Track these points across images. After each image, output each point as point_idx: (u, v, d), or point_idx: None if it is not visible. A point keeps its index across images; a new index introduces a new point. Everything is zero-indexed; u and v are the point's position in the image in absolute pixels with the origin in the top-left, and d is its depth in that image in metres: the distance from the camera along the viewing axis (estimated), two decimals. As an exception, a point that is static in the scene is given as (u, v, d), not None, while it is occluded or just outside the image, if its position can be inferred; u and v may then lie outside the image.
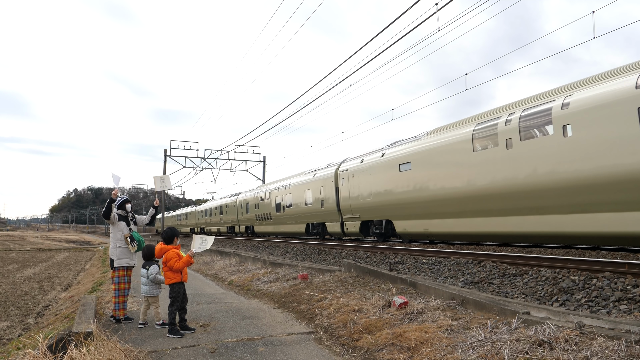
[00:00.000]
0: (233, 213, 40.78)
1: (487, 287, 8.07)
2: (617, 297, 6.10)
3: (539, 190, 11.56)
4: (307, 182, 26.37)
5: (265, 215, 33.08)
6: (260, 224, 34.69)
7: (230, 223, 42.50)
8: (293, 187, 28.18)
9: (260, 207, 33.78)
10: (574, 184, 10.66)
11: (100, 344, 4.87)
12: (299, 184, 27.46)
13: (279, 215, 30.65)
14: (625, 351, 3.74)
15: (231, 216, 41.48)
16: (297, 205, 27.45)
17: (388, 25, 12.40)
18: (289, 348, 5.48)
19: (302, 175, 28.14)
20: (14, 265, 23.60)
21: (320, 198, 24.32)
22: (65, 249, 38.43)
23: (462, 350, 4.50)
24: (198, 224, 55.80)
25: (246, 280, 11.56)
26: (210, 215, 49.94)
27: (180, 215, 66.53)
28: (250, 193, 36.40)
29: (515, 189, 12.25)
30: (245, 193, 38.00)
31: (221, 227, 45.65)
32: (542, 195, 11.53)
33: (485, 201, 13.32)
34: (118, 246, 7.20)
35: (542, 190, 11.48)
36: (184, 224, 63.06)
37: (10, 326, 10.00)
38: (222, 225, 45.33)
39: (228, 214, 42.52)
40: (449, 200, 14.69)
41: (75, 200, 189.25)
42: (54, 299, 13.29)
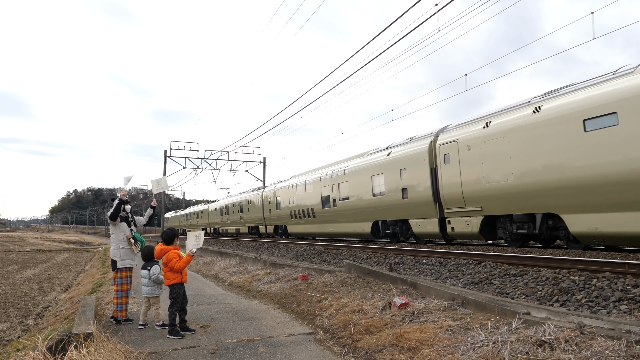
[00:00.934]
0: (257, 210, 34.50)
1: (488, 287, 8.06)
2: (617, 297, 6.10)
3: None
4: (375, 164, 19.62)
5: (304, 211, 26.63)
6: (298, 223, 28.00)
7: (253, 222, 35.99)
8: (351, 172, 21.47)
9: (296, 202, 27.61)
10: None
11: (101, 345, 4.87)
12: (362, 167, 20.67)
13: (326, 212, 24.06)
14: (625, 351, 3.73)
15: (255, 214, 35.29)
16: (359, 197, 20.75)
17: (388, 25, 12.41)
18: (290, 349, 5.48)
19: (363, 156, 21.59)
20: (14, 266, 23.59)
21: (401, 185, 17.65)
22: (65, 250, 38.43)
23: (462, 351, 4.50)
24: (212, 224, 49.26)
25: (246, 281, 11.56)
26: (227, 214, 43.15)
27: (190, 215, 59.45)
28: (281, 185, 30.53)
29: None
30: (275, 185, 32.25)
31: (241, 227, 39.28)
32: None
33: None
34: (121, 247, 7.20)
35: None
36: (194, 224, 56.47)
37: (10, 327, 9.99)
38: (242, 224, 38.95)
39: (250, 211, 36.29)
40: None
41: (75, 201, 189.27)
42: (53, 300, 13.28)
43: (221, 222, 45.83)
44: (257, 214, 34.53)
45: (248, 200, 37.06)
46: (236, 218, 40.20)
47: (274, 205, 31.06)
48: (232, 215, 41.52)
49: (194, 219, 57.68)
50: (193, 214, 58.76)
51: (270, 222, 32.81)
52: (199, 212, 55.42)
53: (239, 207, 39.33)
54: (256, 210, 34.71)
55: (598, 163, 10.38)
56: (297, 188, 27.55)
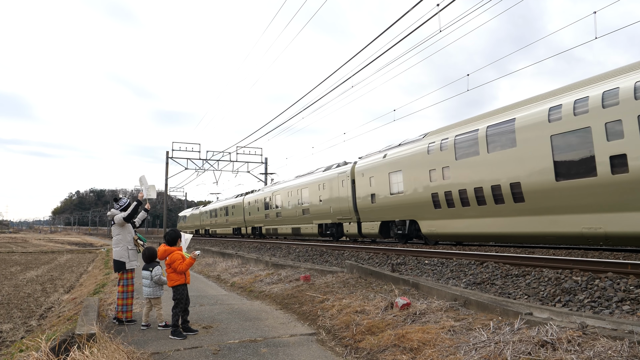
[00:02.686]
0: (343, 201, 23.12)
1: (490, 288, 8.06)
2: (619, 298, 6.09)
3: None
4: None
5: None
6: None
7: (332, 218, 24.18)
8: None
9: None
10: None
11: (103, 345, 4.88)
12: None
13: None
14: (628, 352, 3.73)
15: (337, 205, 23.73)
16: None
17: (390, 26, 12.41)
18: (292, 349, 5.48)
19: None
20: (17, 268, 23.65)
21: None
22: (67, 251, 38.52)
23: (464, 351, 4.50)
24: (251, 222, 37.26)
25: (248, 282, 11.57)
26: (275, 207, 31.76)
27: (216, 211, 47.83)
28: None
29: None
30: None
31: (307, 224, 26.95)
32: None
33: None
34: (129, 248, 7.24)
35: None
36: (222, 223, 45.75)
37: (13, 328, 10.02)
38: (308, 221, 26.82)
39: (326, 202, 24.90)
40: None
41: (78, 202, 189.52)
42: (56, 301, 13.31)
43: (267, 220, 33.30)
44: (343, 205, 22.97)
45: (322, 185, 25.02)
46: (297, 212, 27.90)
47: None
48: (289, 209, 29.08)
49: (221, 216, 45.88)
50: (221, 210, 46.38)
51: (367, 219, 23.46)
52: (230, 207, 43.23)
53: (298, 196, 27.74)
54: (341, 202, 23.13)
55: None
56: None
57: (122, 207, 7.40)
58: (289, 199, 29.11)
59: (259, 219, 35.12)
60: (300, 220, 27.74)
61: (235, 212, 41.60)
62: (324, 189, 24.64)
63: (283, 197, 30.20)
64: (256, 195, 36.35)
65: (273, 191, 32.45)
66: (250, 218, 37.21)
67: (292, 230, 28.83)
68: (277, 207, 31.25)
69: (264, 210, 33.74)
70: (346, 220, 22.60)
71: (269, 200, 32.88)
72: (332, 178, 24.02)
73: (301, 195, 27.37)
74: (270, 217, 32.55)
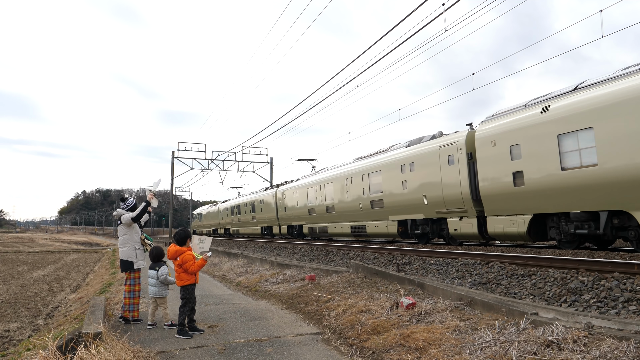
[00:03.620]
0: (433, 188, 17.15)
1: (495, 287, 8.04)
2: (626, 298, 6.07)
3: None
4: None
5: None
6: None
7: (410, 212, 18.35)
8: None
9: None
10: None
11: (110, 344, 4.91)
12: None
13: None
14: (634, 352, 3.72)
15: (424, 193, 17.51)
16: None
17: (395, 25, 12.40)
18: (297, 349, 5.50)
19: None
20: (24, 267, 23.80)
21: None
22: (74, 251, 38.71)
23: (470, 351, 4.49)
24: (287, 219, 30.52)
25: (254, 282, 11.59)
26: (324, 200, 25.25)
27: (239, 207, 41.23)
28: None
29: None
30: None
31: (384, 221, 20.13)
32: None
33: None
34: (137, 248, 7.28)
35: None
36: (248, 220, 38.88)
37: (21, 327, 10.09)
38: (381, 217, 20.34)
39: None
40: None
41: (84, 202, 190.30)
42: (63, 300, 13.39)
43: (311, 216, 26.86)
44: (449, 191, 17.06)
45: (407, 165, 18.34)
46: (360, 205, 21.49)
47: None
48: (348, 201, 22.70)
49: (246, 213, 39.18)
50: (245, 206, 39.47)
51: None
52: (257, 203, 36.23)
53: (364, 183, 21.29)
54: (446, 188, 17.32)
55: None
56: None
57: (129, 207, 7.44)
58: (348, 187, 22.31)
59: (300, 215, 28.11)
60: (366, 216, 20.90)
61: (264, 207, 34.42)
62: (412, 171, 17.49)
63: (338, 186, 23.44)
64: (295, 185, 29.12)
65: (321, 180, 25.57)
66: (286, 214, 30.21)
67: (352, 230, 22.26)
68: (327, 199, 24.45)
69: (308, 205, 26.77)
70: (455, 213, 15.55)
71: (315, 192, 25.91)
72: (426, 154, 16.71)
73: (369, 182, 20.41)
74: (317, 213, 25.69)
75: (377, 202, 19.95)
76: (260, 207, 35.35)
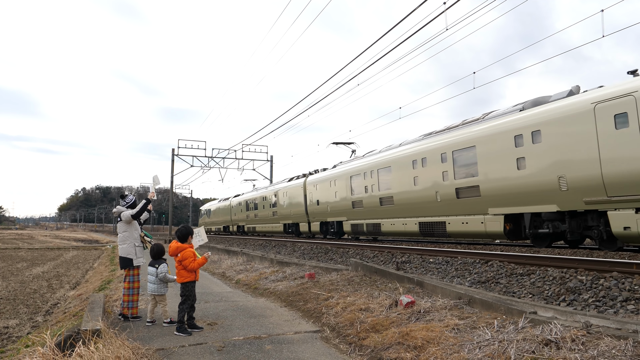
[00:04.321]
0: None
1: (494, 286, 8.05)
2: (624, 297, 6.07)
3: None
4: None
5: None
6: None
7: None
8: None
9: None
10: None
11: (109, 341, 4.91)
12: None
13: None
14: (632, 351, 3.72)
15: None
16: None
17: (396, 24, 12.39)
18: (296, 346, 5.50)
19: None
20: (23, 264, 23.80)
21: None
22: (73, 248, 38.73)
23: (468, 350, 4.50)
24: (319, 214, 25.46)
25: (253, 279, 11.60)
26: (377, 190, 20.07)
27: (256, 202, 36.43)
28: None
29: None
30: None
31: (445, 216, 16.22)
32: None
33: None
34: (136, 245, 7.29)
35: None
36: (266, 216, 34.13)
37: (20, 324, 10.10)
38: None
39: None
40: None
41: (84, 199, 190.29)
42: (62, 297, 13.40)
43: (357, 210, 21.54)
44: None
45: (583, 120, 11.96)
46: (427, 197, 16.71)
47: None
48: (418, 190, 17.32)
49: (265, 208, 34.10)
50: (264, 200, 34.44)
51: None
52: (281, 195, 31.16)
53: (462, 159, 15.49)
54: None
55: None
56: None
57: (129, 204, 7.44)
58: (417, 172, 16.81)
59: (339, 209, 23.00)
60: (446, 209, 15.58)
61: (288, 201, 29.48)
62: (537, 143, 12.33)
63: (399, 172, 17.98)
64: (332, 174, 23.81)
65: (371, 165, 20.15)
66: (319, 209, 25.14)
67: (422, 228, 16.89)
68: (381, 188, 19.13)
69: (351, 196, 21.62)
70: (626, 203, 10.38)
71: (363, 180, 20.64)
72: (569, 116, 11.51)
73: (454, 163, 15.11)
74: (366, 206, 20.50)
75: (467, 190, 14.54)
76: (283, 200, 30.40)
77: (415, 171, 17.01)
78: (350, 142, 27.85)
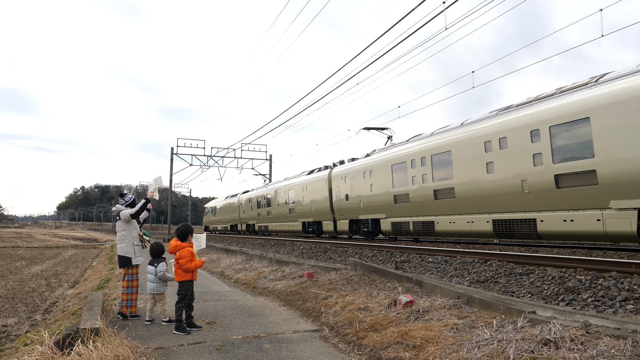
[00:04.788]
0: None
1: (493, 286, 8.05)
2: (623, 297, 6.08)
3: None
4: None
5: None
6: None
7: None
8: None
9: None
10: None
11: (108, 340, 4.91)
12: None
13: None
14: (631, 351, 3.73)
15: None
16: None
17: (395, 23, 12.38)
18: (295, 345, 5.50)
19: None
20: (22, 262, 23.78)
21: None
22: (72, 246, 38.70)
23: (467, 349, 4.50)
24: (361, 211, 20.98)
25: (252, 278, 11.59)
26: (437, 179, 15.82)
27: (269, 197, 32.59)
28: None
29: None
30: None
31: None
32: None
33: None
34: (135, 244, 7.28)
35: None
36: (282, 214, 30.05)
37: (18, 322, 10.09)
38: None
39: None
40: None
41: (83, 198, 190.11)
42: (61, 296, 13.39)
43: (399, 206, 17.83)
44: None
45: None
46: (509, 187, 13.03)
47: None
48: (488, 181, 13.64)
49: (280, 205, 30.49)
50: (278, 196, 30.88)
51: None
52: (299, 190, 27.48)
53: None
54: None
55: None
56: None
57: (128, 202, 7.44)
58: (491, 157, 13.33)
59: (375, 204, 19.31)
60: (537, 202, 12.17)
61: (309, 196, 25.99)
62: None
63: (462, 156, 14.48)
64: (365, 164, 20.39)
65: (419, 150, 16.62)
66: (348, 205, 21.62)
67: (497, 227, 13.39)
68: (435, 179, 15.54)
69: (392, 189, 17.97)
70: None
71: (408, 168, 17.03)
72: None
73: (550, 142, 11.71)
74: (414, 200, 16.70)
75: (573, 177, 11.21)
76: (302, 196, 26.78)
77: (489, 155, 13.42)
78: (383, 127, 23.77)
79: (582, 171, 10.95)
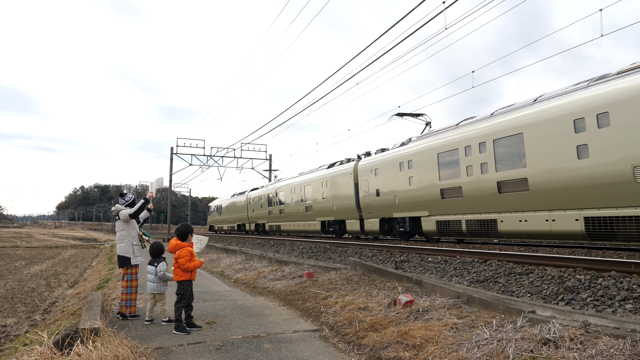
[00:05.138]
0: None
1: (493, 285, 8.06)
2: (622, 297, 6.09)
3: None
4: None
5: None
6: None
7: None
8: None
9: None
10: None
11: (107, 340, 4.90)
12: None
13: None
14: (630, 350, 3.73)
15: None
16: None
17: (395, 23, 12.38)
18: (295, 345, 5.50)
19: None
20: (21, 262, 23.77)
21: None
22: (72, 246, 38.67)
23: (467, 349, 4.50)
24: (398, 208, 17.93)
25: (252, 278, 11.59)
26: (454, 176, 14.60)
27: (281, 194, 30.16)
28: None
29: None
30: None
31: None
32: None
33: None
34: (134, 244, 7.29)
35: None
36: (298, 212, 27.26)
37: (18, 322, 10.08)
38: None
39: None
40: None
41: (82, 198, 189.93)
42: (60, 296, 13.38)
43: (444, 204, 15.31)
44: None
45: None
46: (614, 173, 10.07)
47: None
48: (585, 167, 10.67)
49: (293, 203, 28.09)
50: (292, 192, 28.39)
51: None
52: (316, 186, 25.16)
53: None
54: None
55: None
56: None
57: (128, 202, 7.44)
58: (586, 137, 10.67)
59: (412, 201, 16.88)
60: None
61: (330, 192, 23.41)
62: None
63: (537, 142, 11.90)
64: (400, 153, 17.81)
65: (471, 135, 14.16)
66: (378, 202, 19.14)
67: (589, 228, 10.71)
68: (498, 168, 13.03)
69: (437, 183, 15.51)
70: None
71: (457, 158, 14.64)
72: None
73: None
74: (467, 195, 14.25)
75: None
76: (322, 192, 24.26)
77: (580, 137, 10.78)
78: (419, 113, 20.56)
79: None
